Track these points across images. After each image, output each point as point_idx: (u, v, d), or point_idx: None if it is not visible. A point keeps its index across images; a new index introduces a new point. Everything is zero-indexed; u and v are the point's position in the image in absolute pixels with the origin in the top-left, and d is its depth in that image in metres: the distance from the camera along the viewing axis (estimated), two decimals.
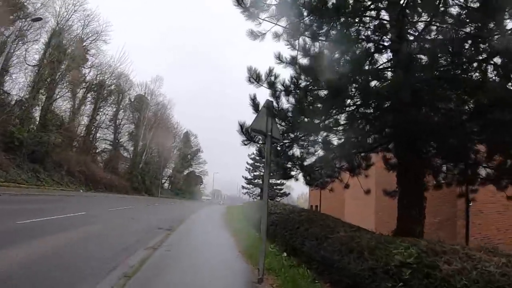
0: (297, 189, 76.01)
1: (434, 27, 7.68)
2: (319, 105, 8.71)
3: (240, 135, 9.47)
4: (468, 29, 6.76)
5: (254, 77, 8.84)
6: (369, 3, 8.30)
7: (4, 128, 28.74)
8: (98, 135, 56.67)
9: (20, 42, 35.36)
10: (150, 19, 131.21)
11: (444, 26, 7.17)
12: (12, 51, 33.57)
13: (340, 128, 9.53)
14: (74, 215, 14.81)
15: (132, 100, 63.83)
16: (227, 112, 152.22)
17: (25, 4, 34.16)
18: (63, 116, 44.21)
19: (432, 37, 7.63)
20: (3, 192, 19.68)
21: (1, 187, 21.65)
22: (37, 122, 35.33)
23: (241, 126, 9.37)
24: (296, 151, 10.54)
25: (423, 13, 7.60)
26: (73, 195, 28.67)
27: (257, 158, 72.06)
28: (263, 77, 8.85)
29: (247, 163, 73.19)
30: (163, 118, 68.98)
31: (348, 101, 8.69)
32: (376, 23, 8.51)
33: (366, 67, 8.36)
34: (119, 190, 46.64)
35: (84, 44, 45.68)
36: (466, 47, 6.91)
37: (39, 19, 29.55)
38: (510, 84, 6.91)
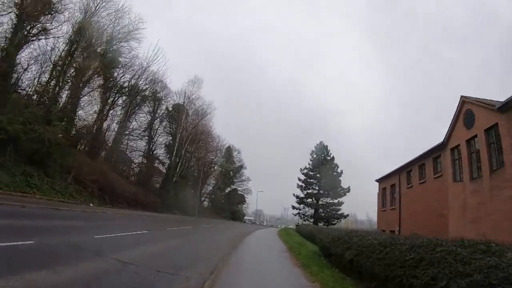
0: (344, 209, 64.48)
1: None
2: None
3: None
4: None
5: None
6: None
7: None
8: (130, 143, 50.10)
9: (43, 38, 31.08)
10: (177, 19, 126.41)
11: None
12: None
13: None
14: None
15: (170, 109, 56.96)
16: (268, 126, 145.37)
17: None
18: (84, 116, 38.19)
19: None
20: None
21: None
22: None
23: None
24: None
25: None
26: (67, 209, 20.27)
27: (311, 173, 63.62)
28: None
29: (299, 179, 64.22)
30: (203, 125, 61.01)
31: None
32: None
33: None
34: (146, 206, 38.54)
35: (114, 42, 39.69)
36: None
37: None
38: None
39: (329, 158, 63.79)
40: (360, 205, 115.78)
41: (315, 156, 64.23)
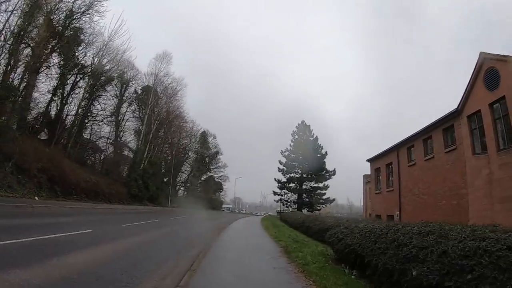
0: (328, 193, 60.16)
1: None
2: None
3: None
4: None
5: None
6: None
7: None
8: (95, 128, 44.99)
9: None
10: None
11: None
12: None
13: None
14: None
15: (139, 92, 51.89)
16: (246, 110, 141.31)
17: None
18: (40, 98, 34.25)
19: None
20: None
21: None
22: None
23: None
24: None
25: None
26: None
27: (293, 155, 59.40)
28: None
29: (280, 162, 59.70)
30: (173, 106, 55.77)
31: None
32: None
33: None
34: (110, 198, 33.94)
35: (74, 16, 35.02)
36: None
37: None
38: None
39: (312, 138, 59.22)
40: (340, 189, 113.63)
41: (296, 137, 59.47)
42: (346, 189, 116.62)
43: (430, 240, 5.00)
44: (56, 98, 36.44)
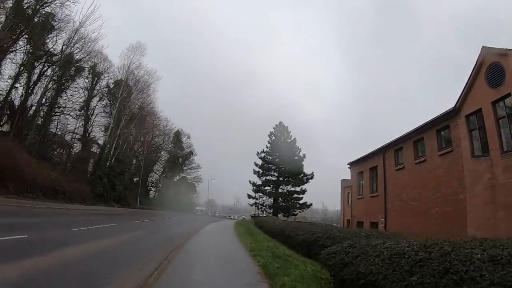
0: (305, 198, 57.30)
1: None
2: None
3: None
4: None
5: None
6: None
7: None
8: (62, 122, 42.27)
9: None
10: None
11: None
12: None
13: None
14: None
15: (111, 86, 48.94)
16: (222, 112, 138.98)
17: None
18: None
19: None
20: None
21: None
22: None
23: None
24: None
25: None
26: None
27: (269, 157, 57.08)
28: None
29: (256, 164, 57.02)
30: (146, 103, 52.97)
31: None
32: None
33: None
34: (72, 197, 31.04)
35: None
36: None
37: None
38: None
39: (289, 140, 56.86)
40: (315, 193, 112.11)
41: (274, 138, 57.13)
42: (321, 194, 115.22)
43: None
44: (18, 86, 34.22)
